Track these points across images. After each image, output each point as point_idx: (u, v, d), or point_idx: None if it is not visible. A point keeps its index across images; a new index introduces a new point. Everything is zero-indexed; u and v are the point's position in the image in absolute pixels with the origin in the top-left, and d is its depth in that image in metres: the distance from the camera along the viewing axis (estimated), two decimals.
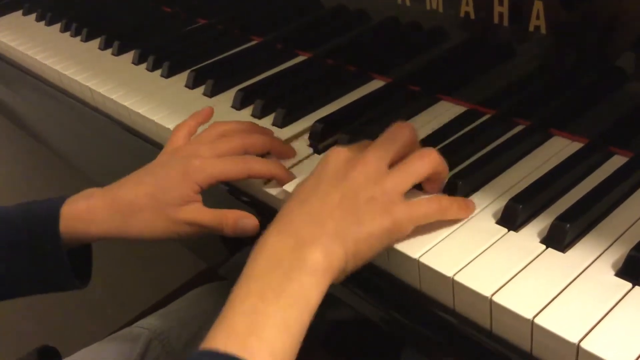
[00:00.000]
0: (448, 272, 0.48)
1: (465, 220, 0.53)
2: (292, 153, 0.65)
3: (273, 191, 0.61)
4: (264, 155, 0.64)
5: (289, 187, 0.59)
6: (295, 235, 0.47)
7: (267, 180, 0.62)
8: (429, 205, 0.51)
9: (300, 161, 0.65)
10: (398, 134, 0.53)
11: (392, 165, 0.52)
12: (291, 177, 0.60)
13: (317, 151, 0.66)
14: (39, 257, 0.59)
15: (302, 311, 0.45)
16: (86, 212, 0.59)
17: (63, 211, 0.59)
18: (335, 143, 0.66)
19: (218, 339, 0.43)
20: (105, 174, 0.80)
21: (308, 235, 0.47)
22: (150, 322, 0.78)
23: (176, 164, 0.59)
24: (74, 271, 0.61)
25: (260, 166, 0.59)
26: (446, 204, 0.52)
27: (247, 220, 0.58)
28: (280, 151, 0.64)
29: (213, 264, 0.80)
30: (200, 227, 0.58)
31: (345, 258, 0.47)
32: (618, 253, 0.48)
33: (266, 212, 0.62)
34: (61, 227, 0.59)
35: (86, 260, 0.65)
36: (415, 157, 0.52)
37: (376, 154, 0.51)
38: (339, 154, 0.52)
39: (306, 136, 0.68)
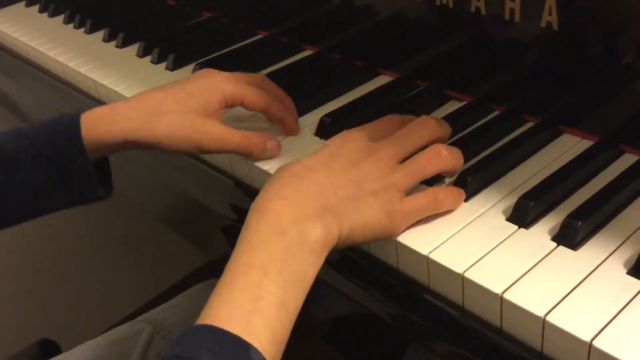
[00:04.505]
0: (458, 269, 0.48)
1: (476, 216, 0.52)
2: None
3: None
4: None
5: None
6: (299, 205, 0.47)
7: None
8: (425, 200, 0.51)
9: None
10: (420, 130, 0.54)
11: (406, 158, 0.52)
12: (298, 130, 0.66)
13: None
14: (64, 165, 0.59)
15: (300, 290, 0.45)
16: (108, 112, 0.60)
17: (83, 116, 0.60)
18: None
19: (222, 315, 0.42)
20: None
21: (312, 209, 0.47)
22: (153, 317, 0.77)
23: (206, 76, 0.63)
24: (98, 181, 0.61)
25: (278, 107, 0.64)
26: (442, 197, 0.52)
27: (275, 142, 0.62)
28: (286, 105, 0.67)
29: (214, 258, 0.79)
30: (224, 142, 0.60)
31: (338, 239, 0.48)
32: (630, 251, 0.47)
33: None
34: (83, 130, 0.59)
35: (107, 174, 0.65)
36: (425, 157, 0.52)
37: (391, 150, 0.52)
38: (356, 140, 0.52)
39: (312, 130, 0.68)
